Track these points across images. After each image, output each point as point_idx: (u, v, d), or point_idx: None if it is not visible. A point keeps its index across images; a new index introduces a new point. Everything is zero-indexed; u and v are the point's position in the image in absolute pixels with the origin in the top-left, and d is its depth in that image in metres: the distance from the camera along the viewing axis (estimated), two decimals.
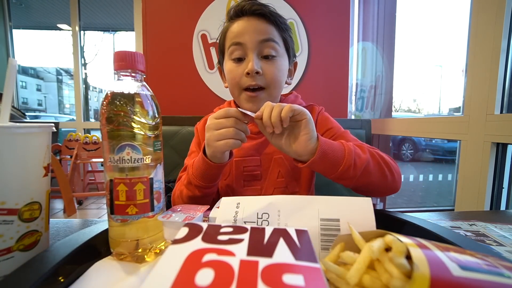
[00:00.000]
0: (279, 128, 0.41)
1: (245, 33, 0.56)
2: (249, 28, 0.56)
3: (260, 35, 0.55)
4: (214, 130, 0.46)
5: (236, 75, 0.57)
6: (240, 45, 0.56)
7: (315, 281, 0.17)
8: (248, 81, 0.56)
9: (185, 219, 0.31)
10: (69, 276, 0.26)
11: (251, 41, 0.55)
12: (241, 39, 0.56)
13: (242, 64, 0.56)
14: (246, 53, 0.56)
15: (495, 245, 0.39)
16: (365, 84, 1.95)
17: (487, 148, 0.93)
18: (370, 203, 0.31)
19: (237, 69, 0.57)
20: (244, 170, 0.60)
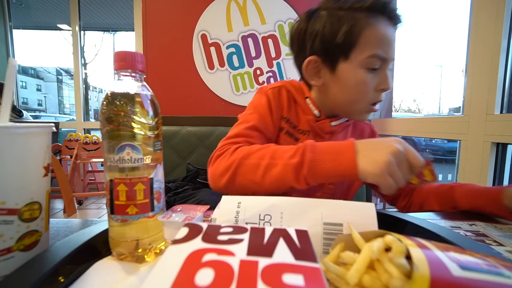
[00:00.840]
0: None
1: (390, 46, 0.50)
2: (392, 41, 0.50)
3: (393, 49, 0.51)
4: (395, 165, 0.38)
5: (370, 89, 0.51)
6: (382, 60, 0.50)
7: (315, 281, 0.17)
8: (379, 97, 0.53)
9: (185, 219, 0.31)
10: (69, 276, 0.26)
11: (391, 58, 0.51)
12: (387, 54, 0.50)
13: (375, 76, 0.51)
14: (382, 66, 0.51)
15: (495, 245, 0.39)
16: None
17: (487, 148, 0.93)
18: (373, 208, 0.31)
19: (371, 82, 0.51)
20: None
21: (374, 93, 0.52)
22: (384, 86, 0.51)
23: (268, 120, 0.56)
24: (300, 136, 0.57)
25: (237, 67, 1.64)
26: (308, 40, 0.54)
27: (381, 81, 0.51)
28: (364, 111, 0.54)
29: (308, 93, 0.58)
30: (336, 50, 0.51)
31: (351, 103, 0.54)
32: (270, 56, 1.64)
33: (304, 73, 0.56)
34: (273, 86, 0.60)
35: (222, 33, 1.60)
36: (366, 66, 0.50)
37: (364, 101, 0.53)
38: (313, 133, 0.57)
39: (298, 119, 0.58)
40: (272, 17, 1.60)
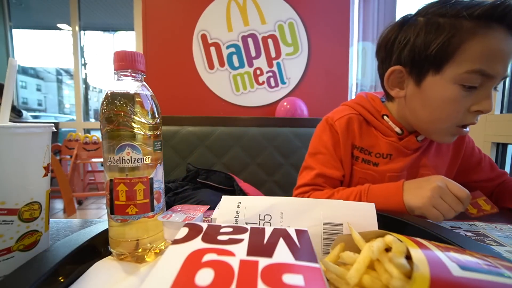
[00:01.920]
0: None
1: (499, 62, 0.42)
2: (506, 55, 0.42)
3: (509, 68, 0.43)
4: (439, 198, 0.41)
5: (461, 109, 0.45)
6: (485, 77, 0.42)
7: (315, 281, 0.17)
8: (472, 119, 0.45)
9: (185, 219, 0.31)
10: (69, 276, 0.26)
11: (500, 76, 0.43)
12: (493, 70, 0.42)
13: (471, 95, 0.44)
14: (484, 84, 0.43)
15: (495, 245, 0.39)
16: (365, 84, 1.95)
17: (487, 148, 0.93)
18: (373, 208, 0.31)
19: (463, 101, 0.44)
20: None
21: (465, 114, 0.45)
22: (481, 108, 0.43)
23: (334, 159, 0.55)
24: (379, 160, 0.54)
25: (237, 67, 1.64)
26: (396, 48, 0.49)
27: (478, 100, 0.44)
28: (448, 133, 0.49)
29: (385, 110, 0.55)
30: (426, 62, 0.46)
31: (433, 122, 0.48)
32: (270, 56, 1.64)
33: (386, 83, 0.53)
34: (340, 116, 0.56)
35: (222, 33, 1.60)
36: (461, 82, 0.43)
37: (450, 121, 0.47)
38: (396, 153, 0.53)
39: (375, 143, 0.55)
40: (272, 17, 1.60)
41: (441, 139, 0.51)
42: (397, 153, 0.54)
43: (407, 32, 0.47)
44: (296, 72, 1.63)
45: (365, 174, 0.55)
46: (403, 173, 0.55)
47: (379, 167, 0.54)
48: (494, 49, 0.41)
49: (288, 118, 1.28)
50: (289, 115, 1.49)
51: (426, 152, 0.56)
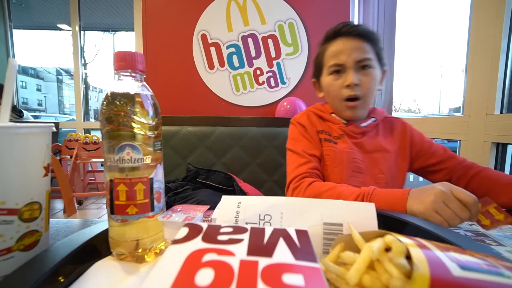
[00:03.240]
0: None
1: (343, 53, 0.64)
2: (347, 49, 0.64)
3: (357, 54, 0.63)
4: (442, 203, 0.42)
5: (336, 87, 0.66)
6: (339, 65, 0.65)
7: (315, 281, 0.17)
8: (348, 91, 0.64)
9: (185, 219, 0.31)
10: (69, 276, 0.26)
11: (349, 60, 0.63)
12: (340, 60, 0.64)
13: (341, 77, 0.65)
14: (344, 69, 0.65)
15: (495, 245, 0.39)
16: None
17: (487, 148, 0.93)
18: (373, 208, 0.31)
19: (336, 82, 0.66)
20: (352, 161, 0.66)
21: (342, 89, 0.65)
22: (346, 82, 0.64)
23: (309, 141, 0.71)
24: (337, 140, 0.69)
25: (237, 67, 1.64)
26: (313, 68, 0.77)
27: (344, 79, 0.65)
28: (344, 107, 0.67)
29: (331, 110, 0.73)
30: (316, 72, 0.74)
31: (332, 102, 0.70)
32: (270, 56, 1.64)
33: (316, 91, 0.77)
34: (300, 115, 0.76)
35: (222, 33, 1.60)
36: (329, 73, 0.68)
37: (337, 97, 0.67)
38: (346, 135, 0.68)
39: (331, 129, 0.71)
40: (272, 17, 1.60)
41: (344, 115, 0.69)
42: (347, 135, 0.69)
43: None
44: (296, 72, 1.63)
45: (329, 150, 0.68)
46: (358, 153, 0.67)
47: (338, 144, 0.68)
48: (336, 49, 0.66)
49: (288, 118, 1.28)
50: (289, 115, 1.49)
51: (374, 138, 0.69)
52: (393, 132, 0.72)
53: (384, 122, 0.73)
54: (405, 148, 0.70)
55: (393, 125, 0.73)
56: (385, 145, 0.69)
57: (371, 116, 0.71)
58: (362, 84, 0.64)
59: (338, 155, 0.67)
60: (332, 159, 0.67)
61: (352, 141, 0.68)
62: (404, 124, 0.74)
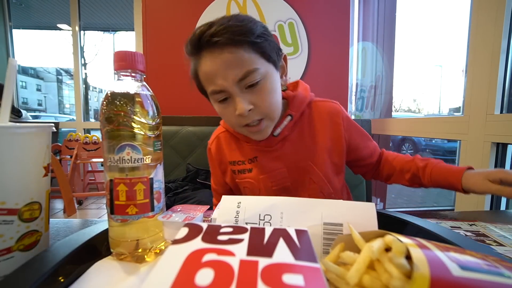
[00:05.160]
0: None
1: (217, 76, 0.48)
2: (218, 69, 0.47)
3: (236, 72, 0.47)
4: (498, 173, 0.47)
5: (230, 117, 0.52)
6: (221, 92, 0.49)
7: (315, 281, 0.17)
8: (244, 120, 0.51)
9: (185, 219, 0.31)
10: (69, 276, 0.26)
11: (228, 84, 0.48)
12: (217, 85, 0.49)
13: (229, 104, 0.50)
14: (229, 94, 0.49)
15: (495, 245, 0.39)
16: (365, 84, 1.95)
17: (487, 148, 0.93)
18: (373, 208, 0.31)
19: (227, 111, 0.51)
20: (273, 185, 0.58)
21: (238, 118, 0.50)
22: (237, 112, 0.49)
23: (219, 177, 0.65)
24: (251, 166, 0.58)
25: None
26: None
27: (234, 107, 0.50)
28: (248, 133, 0.55)
29: None
30: (203, 92, 0.56)
31: (232, 128, 0.58)
32: None
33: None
34: (212, 140, 0.65)
35: None
36: (215, 100, 0.52)
37: (235, 126, 0.54)
38: (260, 154, 0.58)
39: (243, 152, 0.60)
40: (272, 17, 1.60)
41: (253, 138, 0.56)
42: (261, 153, 0.58)
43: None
44: (296, 72, 1.63)
45: (245, 183, 0.59)
46: (279, 170, 0.57)
47: (253, 172, 0.58)
48: (207, 71, 0.49)
49: None
50: None
51: (297, 143, 0.58)
52: (323, 120, 0.59)
53: (310, 112, 0.59)
54: (338, 136, 0.59)
55: (321, 111, 0.60)
56: (313, 147, 0.57)
57: (287, 113, 0.56)
58: (256, 106, 0.49)
59: (255, 186, 0.58)
60: (251, 190, 0.59)
61: (270, 157, 0.57)
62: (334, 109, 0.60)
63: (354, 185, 0.99)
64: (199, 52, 0.49)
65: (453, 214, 0.54)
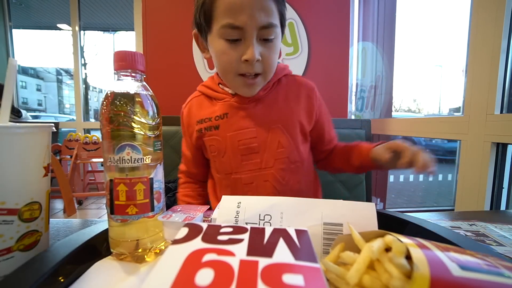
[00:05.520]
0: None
1: (244, 13, 0.46)
2: (249, 6, 0.46)
3: (262, 17, 0.47)
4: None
5: (232, 59, 0.50)
6: (238, 29, 0.47)
7: (315, 281, 0.17)
8: (246, 68, 0.50)
9: (185, 219, 0.31)
10: (69, 276, 0.26)
11: (252, 25, 0.47)
12: (239, 21, 0.47)
13: (238, 46, 0.49)
14: (244, 36, 0.48)
15: (495, 245, 0.39)
16: (365, 84, 1.95)
17: (487, 148, 0.93)
18: (373, 208, 0.31)
19: (232, 52, 0.49)
20: (240, 144, 0.56)
21: (239, 63, 0.50)
22: (246, 57, 0.48)
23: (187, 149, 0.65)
24: (218, 122, 0.57)
25: None
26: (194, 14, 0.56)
27: (243, 51, 0.49)
28: (239, 84, 0.53)
29: (218, 79, 0.59)
30: (201, 25, 0.53)
31: (222, 74, 0.55)
32: None
33: (198, 48, 0.60)
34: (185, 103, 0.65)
35: None
36: (222, 36, 0.49)
37: (230, 71, 0.52)
38: (232, 111, 0.57)
39: (212, 110, 0.58)
40: None
41: (241, 91, 0.55)
42: (232, 110, 0.57)
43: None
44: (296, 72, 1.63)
45: (212, 140, 0.58)
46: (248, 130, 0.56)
47: (220, 129, 0.57)
48: (234, 3, 0.46)
49: None
50: None
51: (271, 106, 0.58)
52: (299, 94, 0.60)
53: (287, 81, 0.61)
54: (311, 112, 0.60)
55: (298, 86, 0.61)
56: (286, 110, 0.58)
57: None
58: (263, 59, 0.50)
59: (221, 144, 0.57)
60: (217, 149, 0.57)
61: (241, 115, 0.56)
62: (312, 89, 0.62)
63: (354, 185, 0.99)
64: None
65: (453, 214, 0.54)
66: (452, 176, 2.68)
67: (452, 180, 2.63)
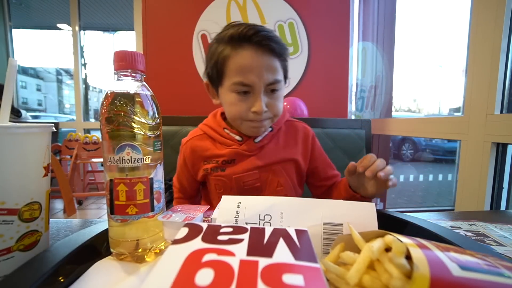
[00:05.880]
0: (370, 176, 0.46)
1: (253, 73, 0.53)
2: (258, 68, 0.53)
3: (269, 76, 0.54)
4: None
5: (242, 111, 0.56)
6: (248, 86, 0.54)
7: (315, 281, 0.17)
8: (255, 117, 0.56)
9: (185, 219, 0.31)
10: (69, 276, 0.26)
11: (259, 83, 0.53)
12: (249, 80, 0.53)
13: (247, 99, 0.55)
14: (253, 90, 0.54)
15: (495, 245, 0.39)
16: (365, 84, 1.95)
17: (487, 148, 0.93)
18: (373, 208, 0.31)
19: (242, 104, 0.55)
20: (245, 185, 0.61)
21: (248, 113, 0.55)
22: (254, 109, 0.54)
23: (184, 177, 0.68)
24: (225, 166, 0.61)
25: None
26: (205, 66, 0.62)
27: (252, 103, 0.55)
28: (248, 127, 0.58)
29: (224, 124, 0.63)
30: (213, 78, 0.59)
31: (232, 120, 0.60)
32: None
33: (208, 93, 0.65)
34: (187, 139, 0.66)
35: None
36: (233, 91, 0.55)
37: (239, 119, 0.57)
38: (239, 157, 0.61)
39: (219, 153, 0.62)
40: (272, 17, 1.60)
41: (250, 133, 0.60)
42: (240, 157, 0.61)
43: (207, 53, 0.60)
44: (296, 72, 1.63)
45: (218, 180, 0.62)
46: (252, 172, 0.61)
47: (226, 171, 0.61)
48: (244, 65, 0.53)
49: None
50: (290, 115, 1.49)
51: (273, 150, 0.63)
52: (296, 137, 0.67)
53: (286, 128, 0.67)
54: (306, 153, 0.67)
55: (296, 131, 0.68)
56: (286, 154, 0.64)
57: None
58: (270, 108, 0.56)
59: (227, 184, 0.62)
60: (222, 187, 0.62)
61: (246, 160, 0.61)
62: (307, 130, 0.69)
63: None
64: (241, 44, 0.53)
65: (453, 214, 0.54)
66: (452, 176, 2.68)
67: (452, 180, 2.64)
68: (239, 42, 0.53)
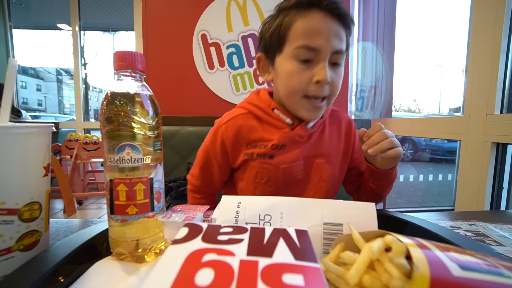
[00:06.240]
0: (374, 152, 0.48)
1: (321, 37, 0.49)
2: (326, 31, 0.49)
3: (336, 43, 0.50)
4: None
5: (302, 80, 0.51)
6: (313, 51, 0.49)
7: (315, 281, 0.17)
8: (316, 91, 0.51)
9: (185, 219, 0.31)
10: (69, 276, 0.26)
11: (326, 49, 0.49)
12: (316, 43, 0.49)
13: (309, 68, 0.50)
14: (317, 58, 0.50)
15: (495, 245, 0.39)
16: (365, 84, 1.95)
17: (487, 148, 0.93)
18: (373, 208, 0.31)
19: (303, 73, 0.50)
20: (291, 176, 0.57)
21: (308, 85, 0.51)
22: (318, 78, 0.49)
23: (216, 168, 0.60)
24: (275, 152, 0.56)
25: (237, 67, 1.64)
26: (260, 38, 0.58)
27: (315, 72, 0.50)
28: (305, 106, 0.53)
29: (274, 104, 0.57)
30: (272, 46, 0.54)
31: (289, 96, 0.54)
32: None
33: (258, 70, 0.60)
34: (227, 119, 0.59)
35: (222, 33, 1.59)
36: (295, 57, 0.51)
37: (299, 93, 0.52)
38: (290, 143, 0.56)
39: (268, 136, 0.56)
40: None
41: (306, 115, 0.54)
42: (291, 143, 0.56)
43: (263, 25, 0.57)
44: None
45: (262, 168, 0.56)
46: (299, 162, 0.57)
47: (275, 159, 0.56)
48: (312, 27, 0.49)
49: None
50: None
51: (319, 141, 0.59)
52: (340, 131, 0.63)
53: (330, 118, 0.62)
54: (348, 150, 0.63)
55: (340, 122, 0.63)
56: (330, 148, 0.59)
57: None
58: (332, 82, 0.51)
59: (273, 173, 0.56)
60: (266, 177, 0.56)
61: (296, 148, 0.56)
62: (350, 123, 0.65)
63: None
64: (309, 8, 0.50)
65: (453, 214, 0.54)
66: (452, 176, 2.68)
67: (452, 180, 2.63)
68: (307, 7, 0.50)
